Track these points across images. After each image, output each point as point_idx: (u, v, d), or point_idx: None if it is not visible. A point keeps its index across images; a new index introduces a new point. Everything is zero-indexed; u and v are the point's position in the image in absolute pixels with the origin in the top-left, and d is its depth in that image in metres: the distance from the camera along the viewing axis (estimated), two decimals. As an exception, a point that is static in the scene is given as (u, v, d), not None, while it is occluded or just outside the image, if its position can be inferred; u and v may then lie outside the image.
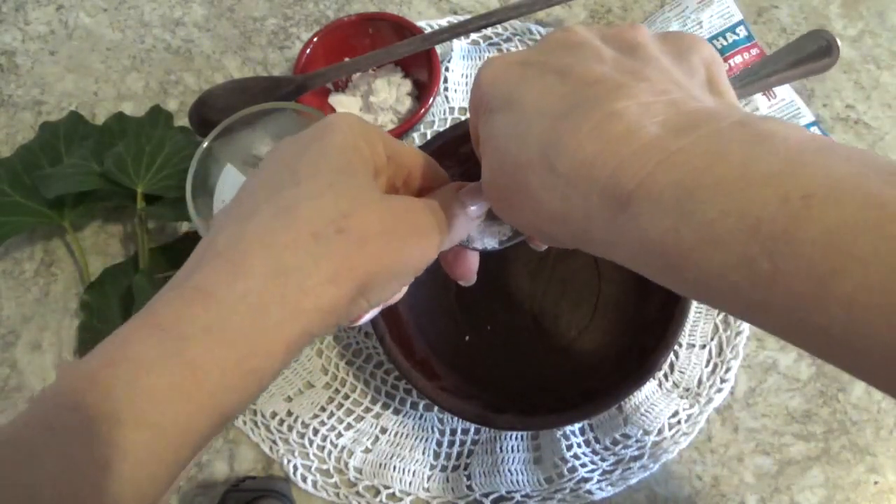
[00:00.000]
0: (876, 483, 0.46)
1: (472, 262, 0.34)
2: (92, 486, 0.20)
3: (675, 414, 0.48)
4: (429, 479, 0.48)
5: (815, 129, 0.54)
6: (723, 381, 0.49)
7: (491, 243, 0.32)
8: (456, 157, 0.45)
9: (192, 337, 0.23)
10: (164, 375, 0.22)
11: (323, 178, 0.26)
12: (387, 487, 0.48)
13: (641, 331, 0.46)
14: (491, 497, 0.47)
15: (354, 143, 0.27)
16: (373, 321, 0.45)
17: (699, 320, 0.50)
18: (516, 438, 0.48)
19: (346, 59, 0.54)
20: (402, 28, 0.54)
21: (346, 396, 0.50)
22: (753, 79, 0.49)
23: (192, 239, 0.52)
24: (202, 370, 0.22)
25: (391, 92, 0.54)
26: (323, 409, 0.50)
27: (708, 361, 0.49)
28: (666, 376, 0.49)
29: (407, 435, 0.49)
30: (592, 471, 0.47)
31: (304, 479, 0.48)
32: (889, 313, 0.16)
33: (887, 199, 0.17)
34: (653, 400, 0.48)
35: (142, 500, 0.21)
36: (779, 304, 0.18)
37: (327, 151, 0.27)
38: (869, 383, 0.19)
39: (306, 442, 0.49)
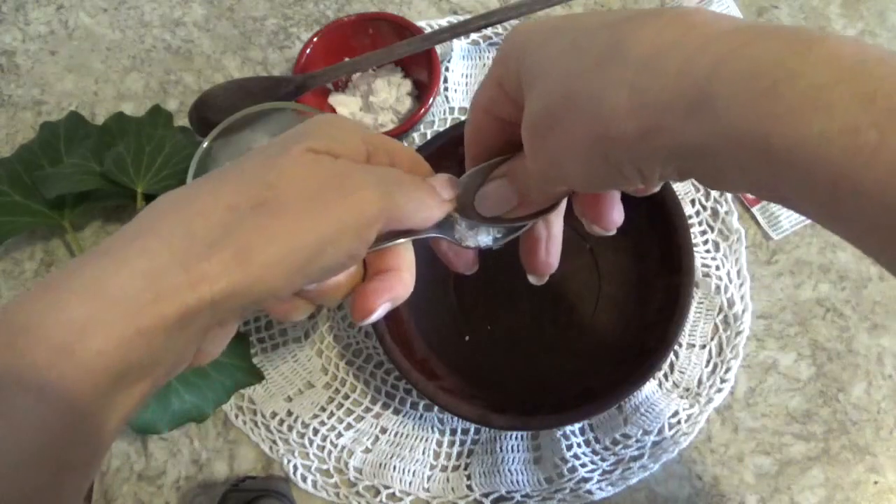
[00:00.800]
0: (876, 483, 0.46)
1: (470, 252, 0.33)
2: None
3: (675, 414, 0.48)
4: (429, 479, 0.48)
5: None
6: (723, 381, 0.49)
7: (485, 241, 0.32)
8: (456, 157, 0.45)
9: (77, 291, 0.22)
10: (44, 331, 0.21)
11: (265, 151, 0.26)
12: (387, 487, 0.48)
13: (641, 331, 0.46)
14: (491, 497, 0.47)
15: (316, 121, 0.27)
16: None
17: (699, 320, 0.50)
18: (516, 438, 0.48)
19: (346, 59, 0.54)
20: (402, 28, 0.54)
21: (346, 396, 0.50)
22: None
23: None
24: (86, 326, 0.21)
25: (391, 92, 0.54)
26: (323, 409, 0.50)
27: (708, 361, 0.49)
28: (666, 376, 0.49)
29: (407, 435, 0.49)
30: (592, 471, 0.47)
31: (304, 479, 0.48)
32: None
33: None
34: (653, 400, 0.48)
35: (31, 465, 0.20)
36: (875, 183, 0.17)
37: (287, 133, 0.27)
38: None
39: (306, 442, 0.49)
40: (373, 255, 0.29)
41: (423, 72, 0.54)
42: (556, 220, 0.33)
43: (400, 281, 0.29)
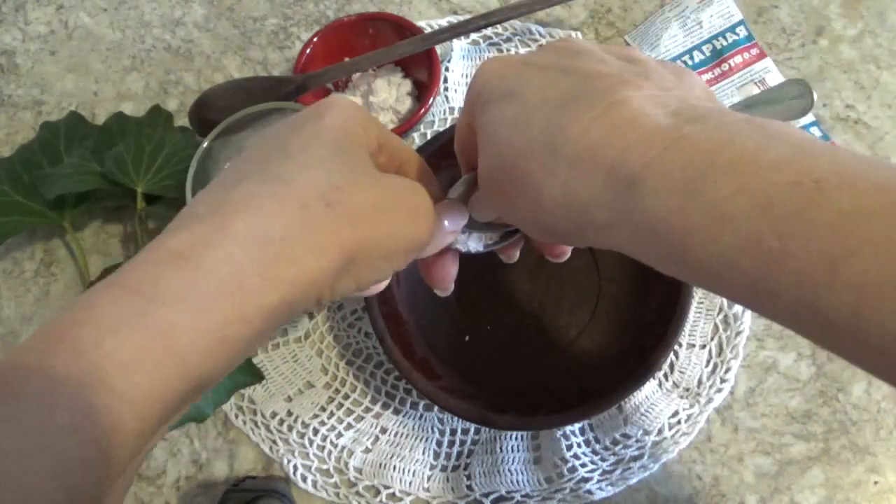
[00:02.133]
0: (876, 483, 0.46)
1: (450, 269, 0.33)
2: (49, 451, 0.19)
3: (675, 414, 0.48)
4: (429, 479, 0.48)
5: (814, 129, 0.54)
6: (723, 381, 0.49)
7: (475, 246, 0.32)
8: (455, 157, 0.45)
9: (162, 299, 0.21)
10: (130, 338, 0.21)
11: (315, 152, 0.26)
12: (387, 487, 0.48)
13: (641, 331, 0.46)
14: (491, 497, 0.47)
15: (349, 123, 0.27)
16: (373, 321, 0.45)
17: (699, 320, 0.50)
18: (516, 438, 0.48)
19: (346, 59, 0.54)
20: (402, 28, 0.54)
21: (346, 396, 0.50)
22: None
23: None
24: (172, 335, 0.21)
25: (391, 92, 0.54)
26: (323, 409, 0.50)
27: (708, 361, 0.49)
28: (666, 376, 0.49)
29: (407, 435, 0.49)
30: (592, 471, 0.47)
31: (304, 479, 0.48)
32: None
33: (894, 186, 0.17)
34: (653, 400, 0.48)
35: (104, 467, 0.20)
36: (786, 288, 0.18)
37: (321, 130, 0.26)
38: (875, 374, 0.19)
39: (306, 442, 0.49)
40: None
41: (423, 72, 0.54)
42: None
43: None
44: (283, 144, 0.26)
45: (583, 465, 0.47)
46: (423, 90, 0.54)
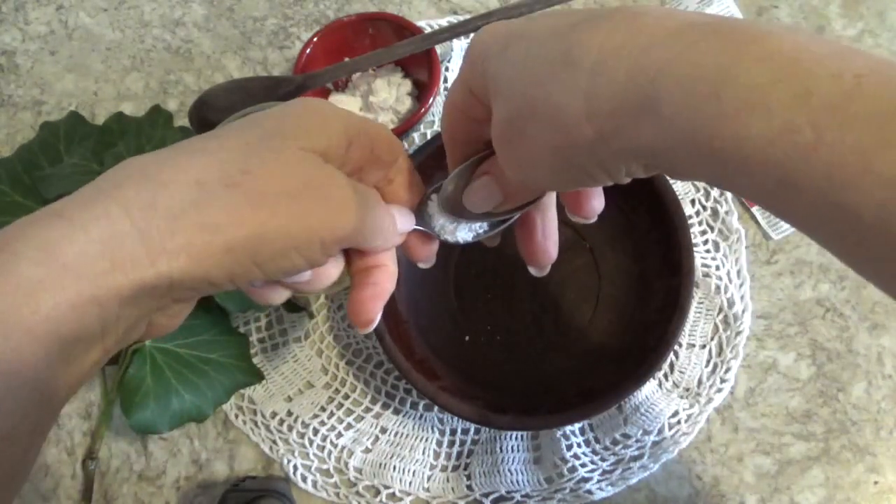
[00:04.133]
0: (876, 483, 0.46)
1: (433, 245, 0.32)
2: None
3: (675, 414, 0.48)
4: (429, 479, 0.48)
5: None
6: (723, 381, 0.49)
7: (464, 237, 0.32)
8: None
9: (26, 254, 0.20)
10: None
11: (245, 137, 0.25)
12: (387, 487, 0.48)
13: (641, 331, 0.46)
14: (491, 497, 0.47)
15: (299, 114, 0.26)
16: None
17: (699, 320, 0.50)
18: (516, 438, 0.48)
19: (346, 59, 0.54)
20: (402, 28, 0.54)
21: (346, 396, 0.50)
22: None
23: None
24: (35, 290, 0.20)
25: (391, 92, 0.54)
26: (323, 409, 0.50)
27: (708, 361, 0.49)
28: (666, 376, 0.49)
29: (407, 435, 0.49)
30: (592, 471, 0.47)
31: (304, 479, 0.48)
32: None
33: None
34: (653, 400, 0.48)
35: None
36: (813, 181, 0.18)
37: (265, 118, 0.26)
38: (888, 288, 0.18)
39: (306, 442, 0.49)
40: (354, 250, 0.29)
41: (423, 72, 0.54)
42: (549, 206, 0.32)
43: (388, 277, 0.29)
44: (228, 126, 0.26)
45: (583, 465, 0.47)
46: (423, 90, 0.54)
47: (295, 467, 0.49)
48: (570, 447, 0.47)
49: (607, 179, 0.25)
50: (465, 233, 0.32)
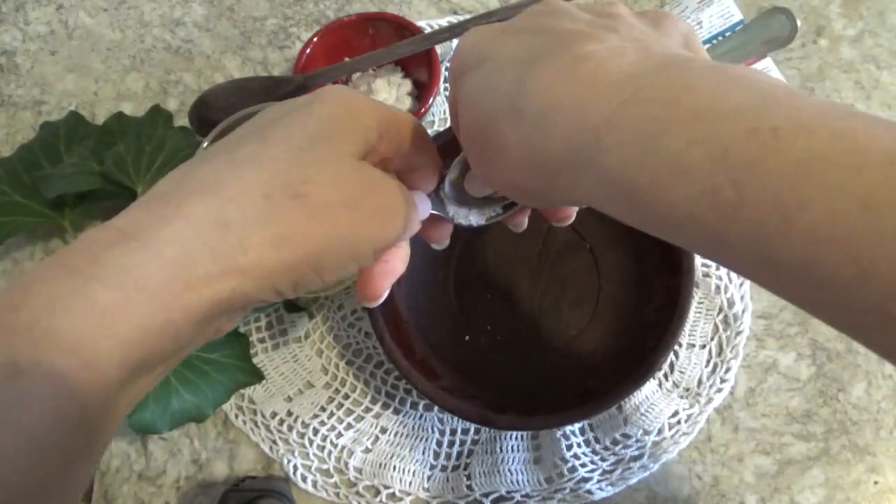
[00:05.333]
0: (876, 483, 0.46)
1: (448, 226, 0.33)
2: None
3: (675, 414, 0.48)
4: (429, 479, 0.48)
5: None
6: (723, 381, 0.49)
7: (476, 220, 0.32)
8: (456, 156, 0.45)
9: (102, 279, 0.20)
10: (67, 318, 0.20)
11: (294, 141, 0.25)
12: (387, 487, 0.48)
13: (641, 331, 0.46)
14: (491, 497, 0.47)
15: (340, 113, 0.26)
16: (373, 321, 0.45)
17: (699, 320, 0.50)
18: (516, 438, 0.48)
19: (346, 59, 0.54)
20: (402, 28, 0.54)
21: (346, 396, 0.50)
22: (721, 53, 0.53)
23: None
24: (110, 316, 0.20)
25: (391, 92, 0.54)
26: (323, 409, 0.50)
27: (708, 361, 0.49)
28: (666, 376, 0.49)
29: (407, 435, 0.49)
30: (592, 471, 0.47)
31: (304, 479, 0.48)
32: (851, 245, 0.16)
33: (853, 132, 0.17)
34: (653, 400, 0.48)
35: (43, 455, 0.19)
36: (741, 237, 0.18)
37: (306, 118, 0.25)
38: (825, 321, 0.19)
39: (306, 442, 0.49)
40: None
41: (423, 72, 0.54)
42: None
43: (400, 257, 0.30)
44: (264, 128, 0.25)
45: (583, 465, 0.47)
46: (423, 90, 0.54)
47: (295, 467, 0.49)
48: (570, 447, 0.47)
49: (568, 205, 0.26)
50: (476, 216, 0.32)
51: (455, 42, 0.57)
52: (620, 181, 0.21)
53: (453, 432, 0.49)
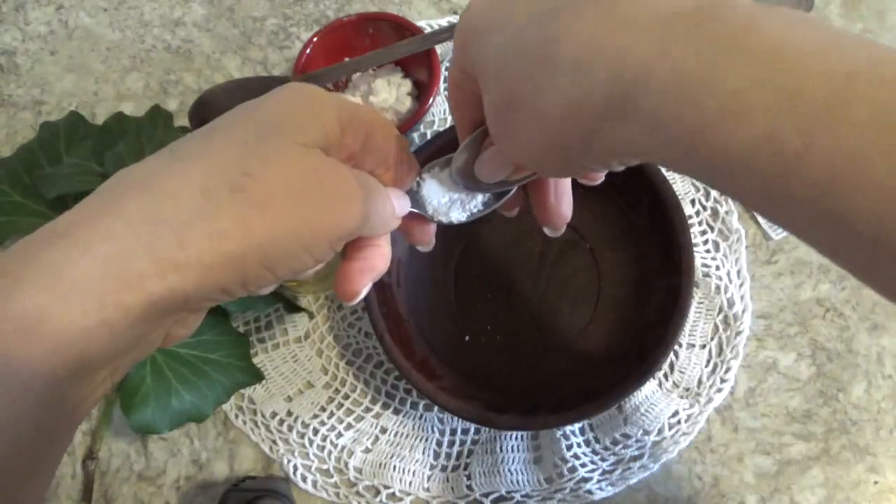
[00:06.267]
0: (876, 483, 0.46)
1: (431, 227, 0.32)
2: None
3: (675, 414, 0.48)
4: (429, 479, 0.48)
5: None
6: (723, 381, 0.49)
7: (458, 217, 0.31)
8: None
9: (31, 281, 0.20)
10: None
11: (240, 134, 0.24)
12: (387, 487, 0.48)
13: (641, 331, 0.46)
14: (491, 497, 0.47)
15: (292, 104, 0.25)
16: (373, 321, 0.45)
17: (699, 320, 0.50)
18: (516, 438, 0.48)
19: (346, 59, 0.54)
20: (402, 28, 0.54)
21: (346, 396, 0.50)
22: None
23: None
24: (39, 319, 0.19)
25: (391, 92, 0.54)
26: (323, 409, 0.50)
27: (708, 361, 0.49)
28: (666, 376, 0.49)
29: (407, 435, 0.49)
30: (592, 471, 0.47)
31: (304, 479, 0.48)
32: None
33: None
34: (653, 400, 0.48)
35: None
36: (805, 191, 0.17)
37: (256, 112, 0.25)
38: (886, 293, 0.18)
39: (306, 442, 0.49)
40: None
41: (423, 72, 0.54)
42: None
43: (380, 255, 0.29)
44: (215, 124, 0.24)
45: (583, 465, 0.47)
46: (423, 90, 0.54)
47: (295, 467, 0.49)
48: (570, 447, 0.47)
49: (601, 169, 0.24)
50: (458, 213, 0.31)
51: (455, 42, 0.57)
52: (672, 123, 0.19)
53: (453, 432, 0.49)
